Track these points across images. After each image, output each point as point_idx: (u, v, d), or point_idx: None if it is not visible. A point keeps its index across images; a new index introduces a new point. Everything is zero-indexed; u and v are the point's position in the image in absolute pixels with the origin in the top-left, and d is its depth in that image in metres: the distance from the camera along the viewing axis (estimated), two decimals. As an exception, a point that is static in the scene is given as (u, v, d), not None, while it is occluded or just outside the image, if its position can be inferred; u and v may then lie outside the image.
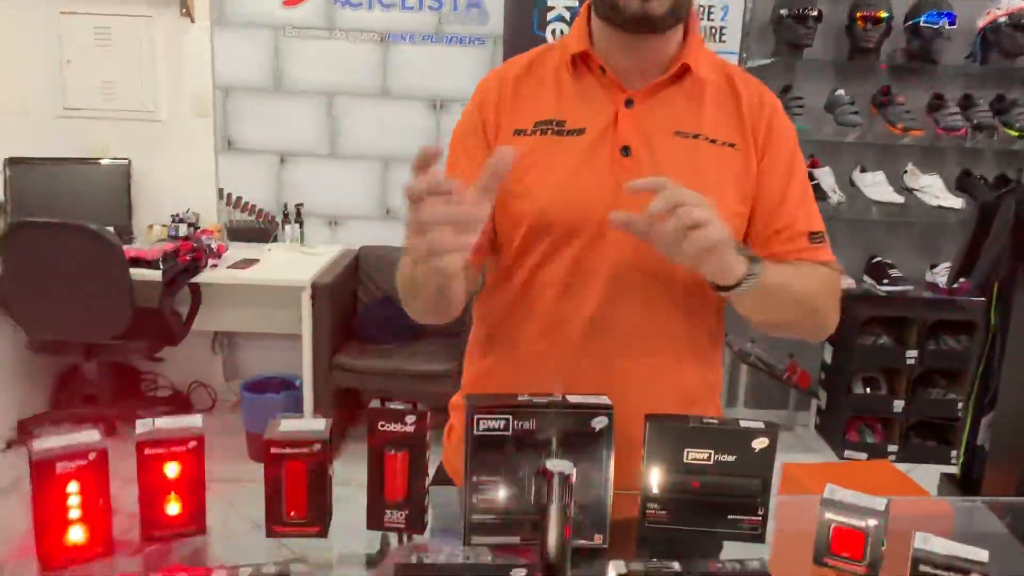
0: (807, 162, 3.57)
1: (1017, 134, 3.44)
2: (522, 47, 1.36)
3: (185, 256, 3.36)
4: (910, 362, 3.54)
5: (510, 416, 1.03)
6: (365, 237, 3.90)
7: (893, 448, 3.62)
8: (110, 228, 3.26)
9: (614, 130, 1.20)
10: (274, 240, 3.85)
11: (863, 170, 3.59)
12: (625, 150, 1.19)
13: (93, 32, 3.75)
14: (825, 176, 3.53)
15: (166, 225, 3.69)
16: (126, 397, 3.80)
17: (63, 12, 3.72)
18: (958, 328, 3.54)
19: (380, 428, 1.06)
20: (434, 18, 3.74)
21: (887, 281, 3.54)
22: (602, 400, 1.05)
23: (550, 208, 1.19)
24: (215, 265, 3.46)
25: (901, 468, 2.71)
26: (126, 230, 3.69)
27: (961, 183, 3.62)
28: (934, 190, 3.48)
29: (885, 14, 3.43)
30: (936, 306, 3.58)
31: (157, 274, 3.30)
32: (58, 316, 3.26)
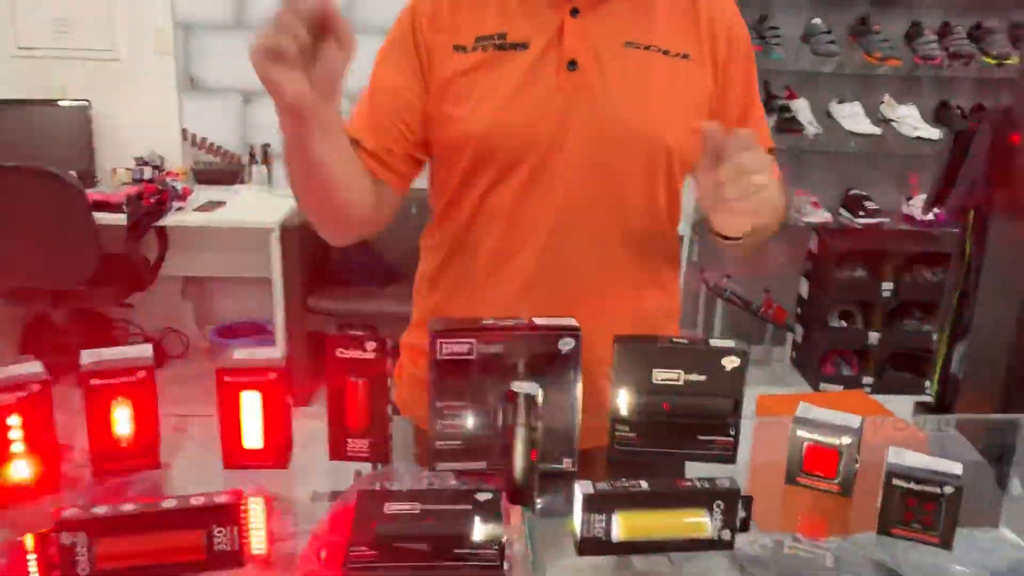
0: (783, 94, 3.54)
1: (994, 62, 3.40)
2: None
3: (150, 199, 3.28)
4: (886, 295, 3.54)
5: (474, 340, 1.00)
6: (336, 178, 3.82)
7: (868, 380, 3.64)
8: (72, 173, 3.17)
9: (559, 43, 1.13)
10: (241, 182, 3.76)
11: (840, 101, 3.54)
12: (572, 64, 1.13)
13: (42, -34, 3.60)
14: (802, 108, 3.48)
15: (130, 168, 3.59)
16: (97, 345, 3.73)
17: (11, -55, 3.57)
18: (934, 260, 3.53)
19: (339, 355, 1.02)
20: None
21: (863, 214, 3.52)
22: (569, 322, 1.02)
23: (494, 131, 1.13)
24: (181, 208, 3.38)
25: (876, 399, 2.72)
26: (89, 174, 3.59)
27: (938, 114, 3.58)
28: (911, 121, 3.44)
29: (863, -60, 3.35)
30: (912, 238, 3.57)
31: (122, 218, 3.21)
32: (22, 263, 3.18)
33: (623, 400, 1.04)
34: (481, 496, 0.93)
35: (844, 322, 3.67)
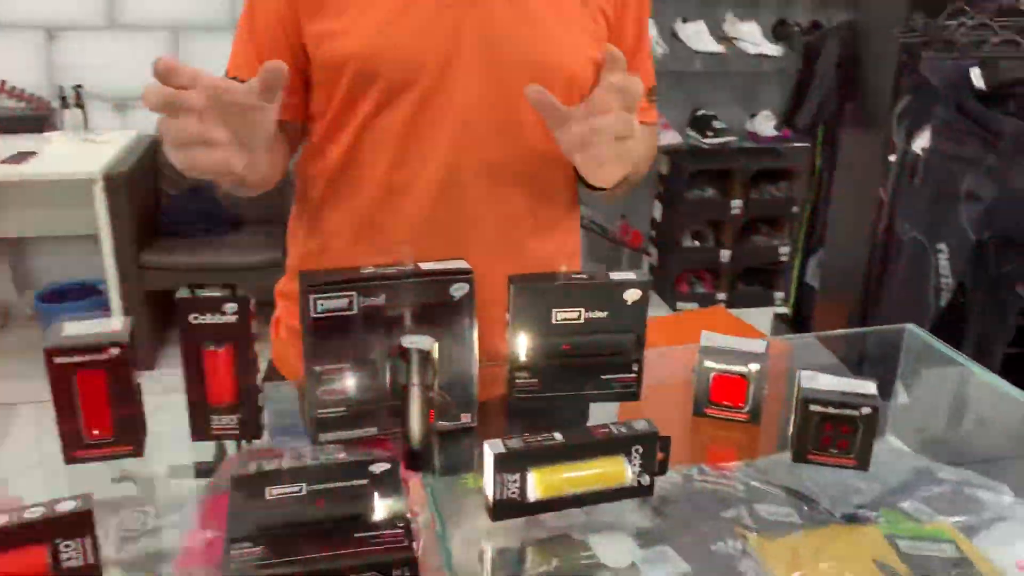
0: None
1: (828, -22, 3.48)
2: None
3: (-57, 153, 2.88)
4: (735, 212, 3.63)
5: (355, 293, 0.88)
6: (162, 121, 3.48)
7: (722, 296, 3.74)
8: None
9: None
10: (52, 129, 3.37)
11: (685, 20, 3.54)
12: None
13: None
14: (649, 28, 3.45)
15: (-86, 119, 3.14)
16: None
17: None
18: (779, 176, 3.64)
19: (193, 321, 0.87)
20: None
21: (711, 133, 3.56)
22: (460, 265, 0.91)
23: (375, 52, 1.00)
24: (-17, 161, 2.99)
25: (735, 314, 2.78)
26: None
27: (776, 31, 3.64)
28: (752, 38, 3.48)
29: None
30: (757, 155, 3.65)
31: (-90, 176, 2.81)
32: None
33: (522, 345, 0.96)
34: (377, 468, 0.82)
35: (697, 242, 3.74)
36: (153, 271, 3.14)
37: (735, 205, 3.61)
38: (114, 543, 0.83)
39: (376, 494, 0.79)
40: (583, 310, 0.95)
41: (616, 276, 0.96)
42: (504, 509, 0.80)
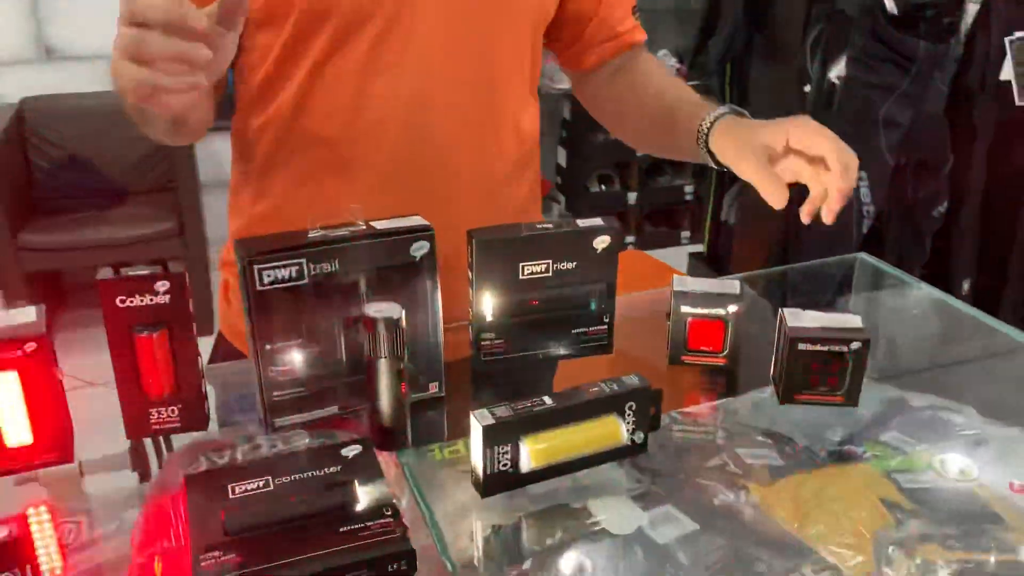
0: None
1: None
2: None
3: None
4: (640, 154, 3.61)
5: (303, 260, 0.78)
6: (24, 87, 3.19)
7: (630, 239, 3.75)
8: None
9: None
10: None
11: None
12: None
13: None
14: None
15: None
16: None
17: None
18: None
19: (120, 305, 0.76)
20: None
21: (612, 75, 3.52)
22: (417, 221, 0.83)
23: None
24: None
25: (652, 255, 2.78)
26: None
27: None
28: (647, -24, 3.44)
29: None
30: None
31: None
32: None
33: (487, 304, 0.88)
34: (349, 451, 0.75)
35: (603, 186, 3.72)
36: (32, 252, 2.89)
37: (640, 147, 3.60)
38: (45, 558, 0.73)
39: (356, 481, 0.71)
40: (551, 262, 0.89)
41: (584, 223, 0.90)
42: (495, 483, 0.74)
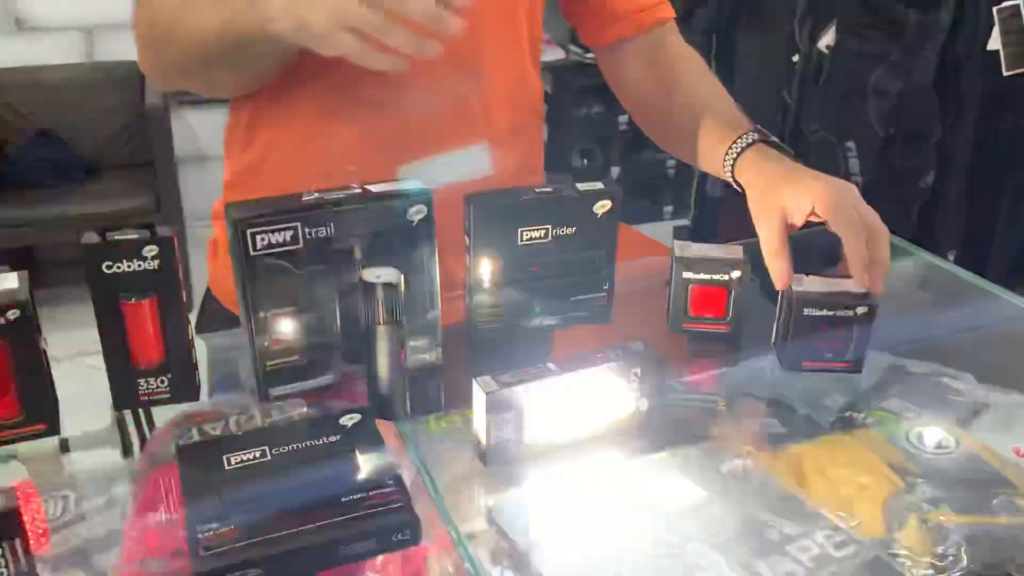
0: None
1: None
2: None
3: None
4: (622, 128, 3.58)
5: (298, 224, 0.75)
6: (-7, 58, 3.10)
7: (614, 214, 3.73)
8: None
9: None
10: None
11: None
12: None
13: None
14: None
15: None
16: None
17: None
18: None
19: (107, 271, 0.73)
20: None
21: (593, 48, 3.48)
22: (415, 185, 0.80)
23: None
24: None
25: (637, 230, 2.76)
26: None
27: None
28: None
29: None
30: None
31: None
32: None
33: (485, 271, 0.86)
34: (348, 420, 0.72)
35: (586, 161, 3.69)
36: (4, 228, 2.83)
37: (622, 121, 3.57)
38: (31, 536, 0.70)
39: (357, 451, 0.68)
40: (551, 227, 0.86)
41: (584, 187, 0.88)
42: (498, 452, 0.72)
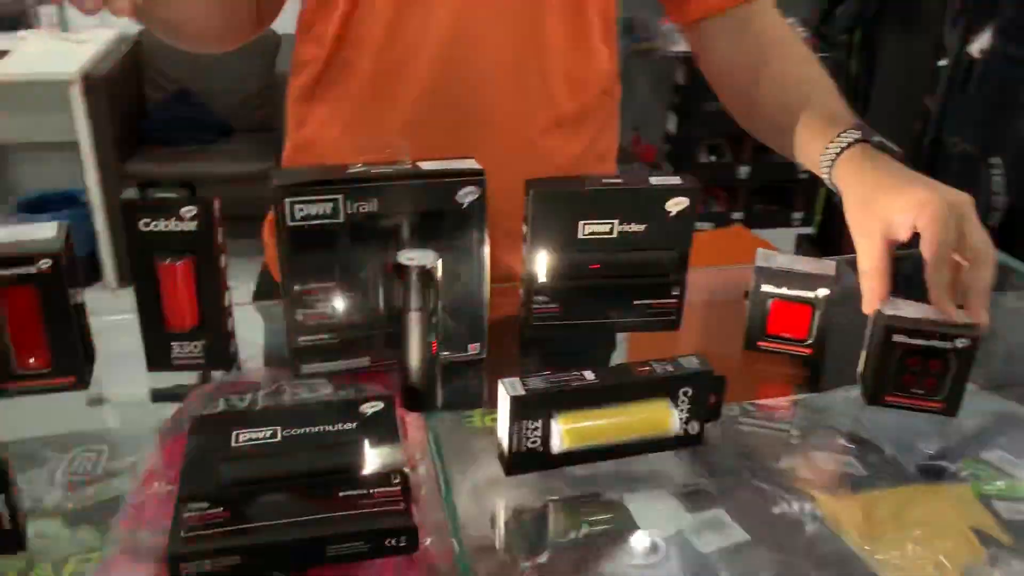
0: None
1: None
2: None
3: (-92, 50, 2.67)
4: (755, 126, 3.42)
5: (340, 196, 0.71)
6: (145, 19, 3.25)
7: (738, 215, 3.57)
8: None
9: None
10: (27, 27, 3.14)
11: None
12: None
13: None
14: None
15: None
16: None
17: None
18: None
19: (144, 228, 0.71)
20: None
21: (732, 41, 3.33)
22: (469, 165, 0.75)
23: None
24: (-48, 60, 2.79)
25: (758, 235, 2.62)
26: None
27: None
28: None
29: None
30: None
31: None
32: None
33: (541, 263, 0.80)
34: (368, 408, 0.68)
35: (713, 157, 3.55)
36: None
37: (755, 118, 3.40)
38: (61, 487, 0.70)
39: (367, 443, 0.64)
40: (616, 222, 0.79)
41: (658, 180, 0.80)
42: (522, 462, 0.66)
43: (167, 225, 0.71)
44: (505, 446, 0.65)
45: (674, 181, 0.80)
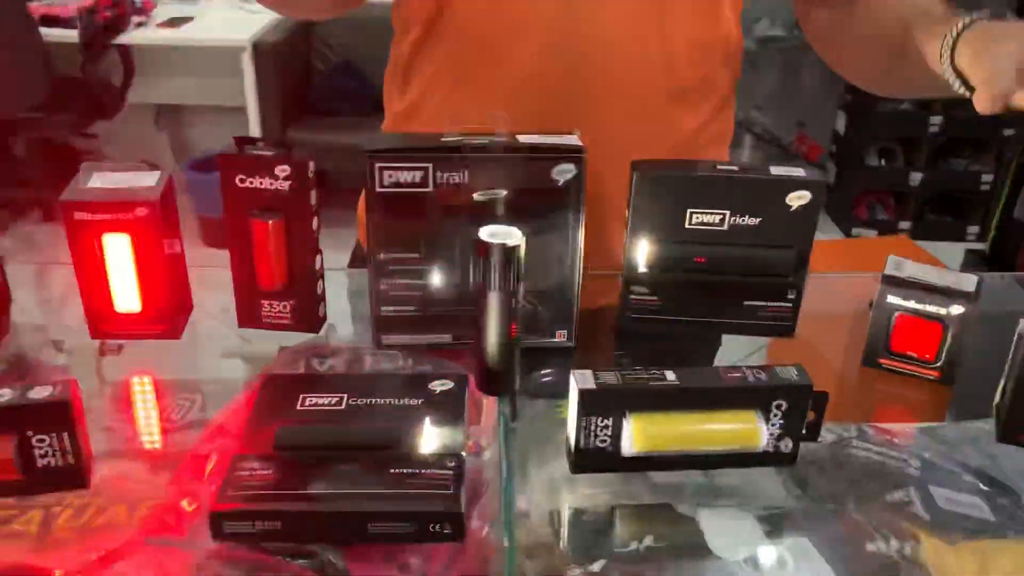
0: None
1: None
2: None
3: (105, 12, 2.87)
4: (933, 130, 3.16)
5: (430, 165, 0.69)
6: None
7: (905, 225, 3.32)
8: (11, -20, 2.77)
9: None
10: (211, -5, 3.32)
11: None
12: None
13: None
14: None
15: (82, -22, 3.16)
16: (65, 180, 3.43)
17: None
18: (991, 90, 3.13)
19: (239, 184, 0.72)
20: None
21: (916, 36, 3.09)
22: (568, 140, 0.71)
23: None
24: (142, 24, 2.98)
25: (922, 247, 2.42)
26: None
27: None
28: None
29: None
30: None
31: (74, 35, 2.83)
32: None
33: (641, 251, 0.75)
34: (438, 385, 0.65)
35: (883, 160, 3.31)
36: (298, 148, 3.08)
37: (934, 121, 3.14)
38: (152, 431, 0.72)
39: (428, 419, 0.61)
40: (728, 213, 0.73)
41: (779, 171, 0.73)
42: (588, 460, 0.61)
43: (261, 183, 0.71)
44: (572, 441, 0.61)
45: (797, 172, 0.72)
